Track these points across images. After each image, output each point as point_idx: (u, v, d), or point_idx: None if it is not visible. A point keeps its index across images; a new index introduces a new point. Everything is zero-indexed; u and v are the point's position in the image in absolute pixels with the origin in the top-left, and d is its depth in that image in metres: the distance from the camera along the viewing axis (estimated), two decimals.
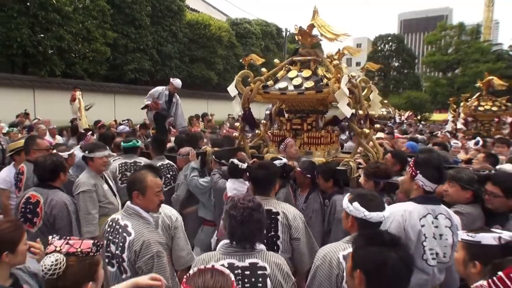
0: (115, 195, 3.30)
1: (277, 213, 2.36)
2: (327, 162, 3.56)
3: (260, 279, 1.66)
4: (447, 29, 33.83)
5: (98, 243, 1.36)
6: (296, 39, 4.43)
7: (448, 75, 32.97)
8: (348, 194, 1.90)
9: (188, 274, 1.17)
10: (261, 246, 1.75)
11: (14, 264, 1.56)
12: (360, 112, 3.87)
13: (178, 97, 6.97)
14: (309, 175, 3.23)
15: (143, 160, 3.98)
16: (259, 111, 12.59)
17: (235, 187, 2.94)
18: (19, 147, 3.64)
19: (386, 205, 1.84)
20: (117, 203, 3.23)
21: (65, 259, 1.27)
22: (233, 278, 1.19)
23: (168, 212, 2.39)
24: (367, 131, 3.78)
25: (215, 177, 3.35)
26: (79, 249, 1.31)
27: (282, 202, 2.55)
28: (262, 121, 4.91)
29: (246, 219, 1.66)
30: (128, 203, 2.06)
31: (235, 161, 3.04)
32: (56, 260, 1.26)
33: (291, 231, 2.34)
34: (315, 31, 3.84)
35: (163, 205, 2.21)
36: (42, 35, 11.02)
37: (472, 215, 2.40)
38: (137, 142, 4.13)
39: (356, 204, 1.75)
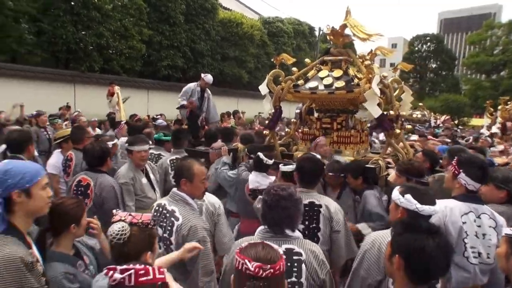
0: (154, 189, 3.33)
1: (320, 206, 2.42)
2: (356, 160, 3.56)
3: (296, 264, 1.71)
4: (495, 27, 30.94)
5: (155, 218, 1.54)
6: (328, 38, 4.43)
7: (493, 78, 30.54)
8: (398, 187, 1.91)
9: (240, 247, 1.27)
10: (297, 234, 1.81)
11: (77, 236, 1.75)
12: (391, 112, 3.87)
13: (209, 91, 7.04)
14: (342, 175, 3.25)
15: (167, 154, 4.10)
16: (289, 110, 12.60)
17: (257, 180, 3.03)
18: (67, 135, 3.97)
19: None
20: (155, 197, 3.23)
21: (129, 228, 1.45)
22: (281, 252, 1.27)
23: (212, 200, 2.54)
24: (397, 131, 3.77)
25: (241, 169, 3.44)
26: (140, 220, 1.48)
27: (324, 196, 2.61)
28: (292, 120, 4.98)
29: (273, 205, 1.73)
30: (175, 189, 2.19)
31: (261, 155, 3.11)
32: (123, 227, 1.43)
33: (332, 224, 2.40)
34: (347, 31, 3.84)
35: (207, 194, 2.33)
36: (83, 33, 11.67)
37: (505, 214, 2.34)
38: (164, 135, 4.25)
39: (408, 196, 1.75)
